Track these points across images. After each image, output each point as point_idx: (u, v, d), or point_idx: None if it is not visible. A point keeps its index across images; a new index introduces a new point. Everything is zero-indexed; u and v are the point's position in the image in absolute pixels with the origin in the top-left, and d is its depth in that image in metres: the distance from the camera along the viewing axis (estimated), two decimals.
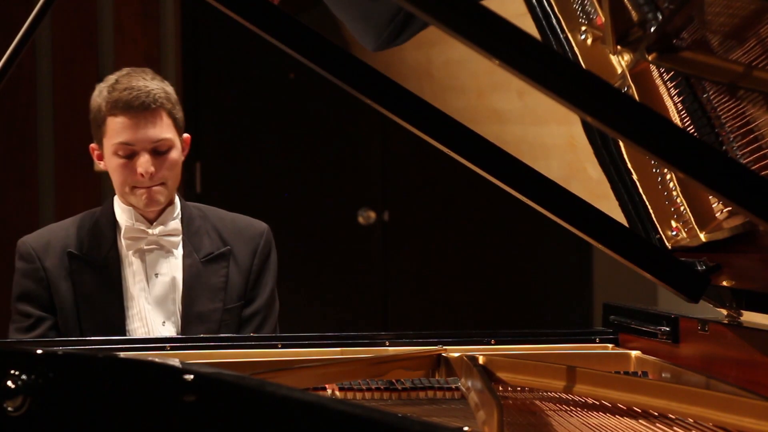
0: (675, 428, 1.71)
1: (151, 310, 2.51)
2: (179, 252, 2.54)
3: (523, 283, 5.20)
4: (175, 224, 2.55)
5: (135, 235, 2.51)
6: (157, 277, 2.52)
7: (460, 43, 1.38)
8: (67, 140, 5.00)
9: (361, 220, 5.10)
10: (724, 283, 1.93)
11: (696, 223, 1.93)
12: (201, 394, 1.40)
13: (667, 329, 2.06)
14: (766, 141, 1.69)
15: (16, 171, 5.02)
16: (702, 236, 1.91)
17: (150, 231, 2.52)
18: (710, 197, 1.91)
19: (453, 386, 1.97)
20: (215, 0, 1.54)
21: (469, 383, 1.89)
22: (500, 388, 1.98)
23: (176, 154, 2.51)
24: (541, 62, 1.37)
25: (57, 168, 5.01)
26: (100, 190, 5.01)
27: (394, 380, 1.98)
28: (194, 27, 5.07)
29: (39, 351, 1.50)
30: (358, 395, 1.94)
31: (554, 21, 2.08)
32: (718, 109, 1.78)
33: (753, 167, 1.71)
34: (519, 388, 1.99)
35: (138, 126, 2.47)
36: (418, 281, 5.17)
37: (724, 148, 1.78)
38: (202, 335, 2.45)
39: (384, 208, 5.14)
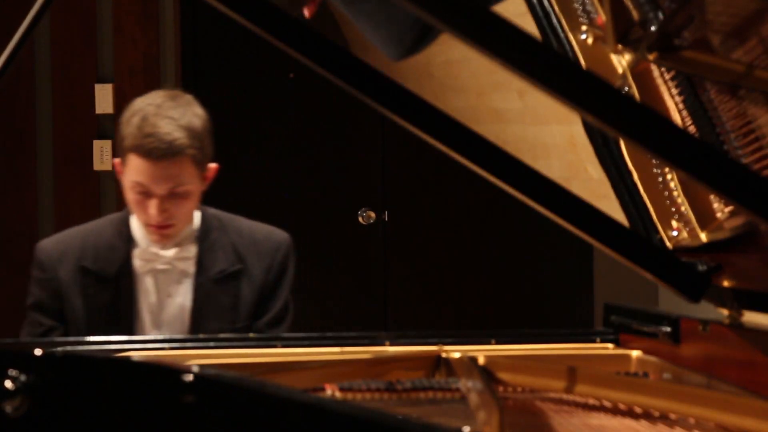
0: (676, 429, 1.71)
1: (155, 332, 2.50)
2: (192, 272, 2.51)
3: (523, 283, 5.19)
4: (190, 247, 2.52)
5: (148, 258, 2.50)
6: (169, 298, 2.51)
7: (460, 43, 1.37)
8: (66, 140, 5.00)
9: (361, 220, 5.10)
10: (725, 283, 1.93)
11: (697, 223, 1.92)
12: (201, 395, 1.40)
13: (668, 329, 2.05)
14: (766, 141, 1.69)
15: (15, 171, 5.02)
16: (703, 236, 1.91)
17: (163, 254, 2.50)
18: (711, 197, 1.90)
19: (453, 386, 1.97)
20: (215, 0, 1.54)
21: (470, 383, 1.89)
22: (500, 389, 1.98)
23: (193, 199, 2.47)
24: (542, 62, 1.37)
25: (56, 168, 5.01)
26: (98, 190, 5.01)
27: (394, 380, 1.98)
28: (194, 27, 5.07)
29: (38, 351, 1.50)
30: (358, 396, 1.94)
31: (555, 20, 2.07)
32: (719, 109, 1.78)
33: (754, 167, 1.70)
34: (519, 389, 1.98)
35: (156, 174, 2.41)
36: (418, 281, 5.17)
37: (725, 147, 1.77)
38: (201, 335, 2.44)
39: (384, 208, 5.14)
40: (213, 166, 2.52)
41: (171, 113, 2.43)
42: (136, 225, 2.52)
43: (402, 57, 2.25)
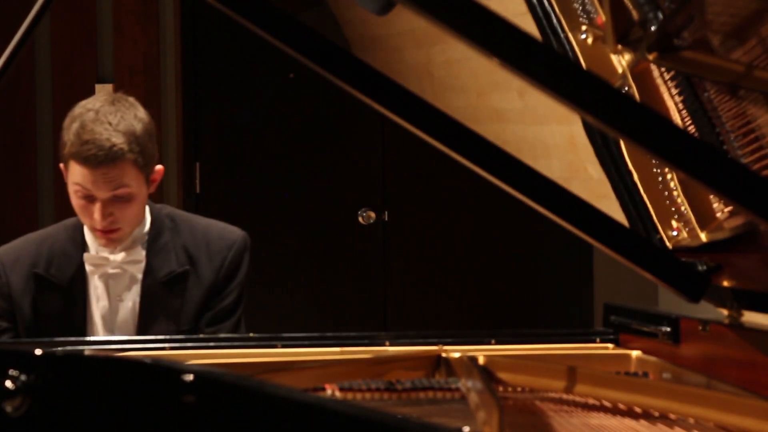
0: (676, 428, 1.71)
1: (106, 334, 2.49)
2: (141, 275, 2.51)
3: (523, 283, 5.19)
4: (139, 250, 2.51)
5: (97, 262, 2.49)
6: (120, 301, 2.50)
7: (460, 43, 1.37)
8: None
9: (361, 220, 5.10)
10: (725, 283, 1.93)
11: (697, 223, 1.92)
12: (200, 395, 1.40)
13: (668, 329, 2.05)
14: (766, 141, 1.69)
15: (15, 171, 5.02)
16: (703, 236, 1.91)
17: (112, 258, 2.49)
18: (711, 197, 1.90)
19: (453, 386, 1.97)
20: (215, 0, 1.54)
21: (470, 383, 1.89)
22: (500, 389, 1.98)
23: (137, 201, 2.45)
24: (542, 62, 1.37)
25: (56, 168, 5.01)
26: None
27: (394, 380, 1.98)
28: (194, 27, 5.07)
29: (38, 351, 1.50)
30: (358, 396, 1.94)
31: (555, 20, 2.07)
32: (719, 109, 1.78)
33: (754, 167, 1.70)
34: (519, 389, 1.98)
35: (96, 180, 2.39)
36: (418, 281, 5.17)
37: (724, 147, 1.77)
38: (201, 335, 2.44)
39: (384, 208, 5.14)
40: (159, 168, 2.51)
41: (110, 118, 2.42)
42: (87, 231, 2.52)
43: (383, 11, 2.24)
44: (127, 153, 2.39)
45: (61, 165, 2.50)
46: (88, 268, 2.50)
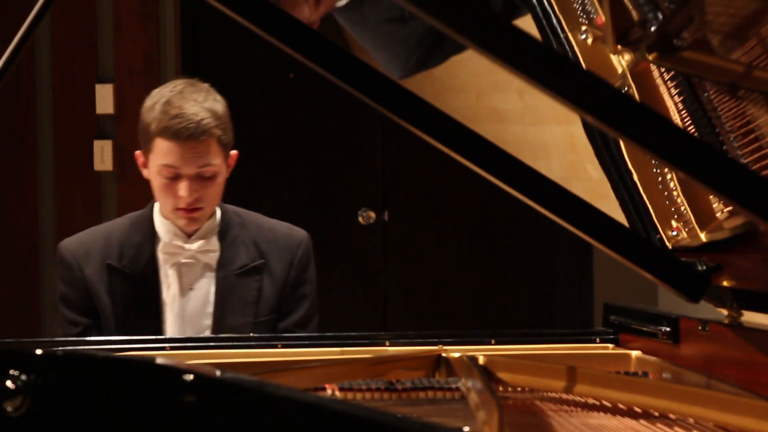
0: (675, 428, 1.71)
1: (181, 324, 2.51)
2: (215, 265, 2.53)
3: (523, 283, 5.19)
4: (213, 240, 2.54)
5: (172, 251, 2.52)
6: (191, 290, 2.52)
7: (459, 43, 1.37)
8: (67, 140, 5.00)
9: (361, 220, 5.10)
10: (725, 283, 1.93)
11: (696, 223, 1.92)
12: (201, 394, 1.40)
13: (668, 329, 2.06)
14: (766, 141, 1.69)
15: (16, 171, 5.02)
16: (702, 236, 1.91)
17: (187, 247, 2.52)
18: (711, 197, 1.90)
19: (453, 386, 1.97)
20: (215, 0, 1.54)
21: (470, 383, 1.89)
22: (500, 389, 1.98)
23: (220, 180, 2.52)
24: (541, 62, 1.37)
25: (56, 168, 5.01)
26: (99, 190, 5.01)
27: (394, 380, 1.98)
28: (194, 27, 5.07)
29: (38, 351, 1.50)
30: (358, 396, 1.94)
31: (554, 21, 2.07)
32: (719, 109, 1.78)
33: (753, 167, 1.70)
34: (519, 389, 1.98)
35: (185, 154, 2.45)
36: (418, 281, 5.16)
37: (724, 147, 1.77)
38: (201, 335, 2.45)
39: (384, 208, 5.14)
40: (234, 153, 2.58)
41: (194, 96, 2.49)
42: (159, 221, 2.54)
43: (406, 76, 2.27)
44: (213, 128, 2.47)
45: (138, 153, 2.55)
46: (161, 257, 2.52)
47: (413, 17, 2.36)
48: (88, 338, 2.34)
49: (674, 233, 1.98)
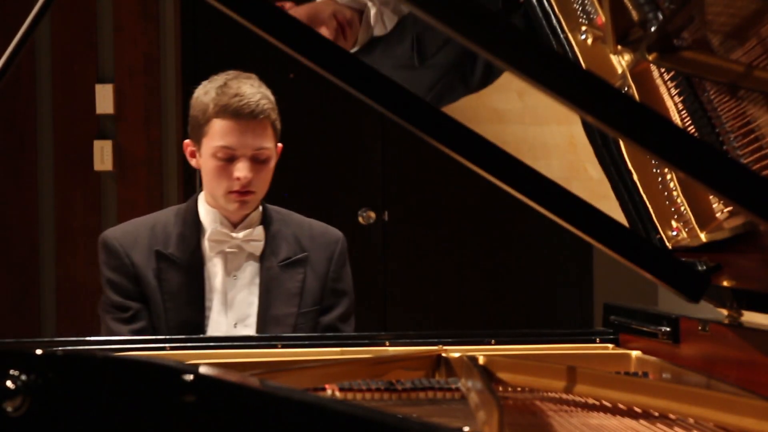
0: (675, 428, 1.71)
1: (225, 311, 2.54)
2: (259, 256, 2.57)
3: (523, 283, 5.19)
4: (259, 230, 2.57)
5: (219, 239, 2.55)
6: (235, 279, 2.55)
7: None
8: (67, 140, 5.00)
9: (361, 220, 5.10)
10: (725, 283, 1.93)
11: (696, 223, 1.92)
12: (201, 394, 1.40)
13: (668, 329, 2.06)
14: (766, 141, 1.69)
15: (15, 171, 5.02)
16: (702, 236, 1.91)
17: (234, 235, 2.55)
18: (710, 197, 1.90)
19: (453, 386, 1.97)
20: (215, 0, 1.54)
21: (470, 383, 1.89)
22: (500, 389, 1.98)
23: (272, 165, 2.58)
24: (541, 62, 1.37)
25: (56, 168, 5.01)
26: (99, 190, 5.01)
27: (394, 381, 1.98)
28: (194, 27, 5.07)
29: (38, 351, 1.50)
30: (358, 396, 1.94)
31: (554, 21, 2.07)
32: (719, 109, 1.78)
33: (753, 167, 1.70)
34: (519, 389, 1.98)
35: (244, 133, 2.50)
36: (418, 281, 5.16)
37: (724, 147, 1.77)
38: (201, 335, 2.45)
39: (384, 208, 5.14)
40: (279, 145, 2.62)
41: (249, 82, 2.56)
42: (204, 211, 2.58)
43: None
44: (270, 111, 2.54)
45: (187, 142, 2.60)
46: (208, 245, 2.55)
47: (422, 64, 2.46)
48: (87, 338, 2.34)
49: (674, 233, 1.98)
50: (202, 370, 1.44)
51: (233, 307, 2.54)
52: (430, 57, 2.52)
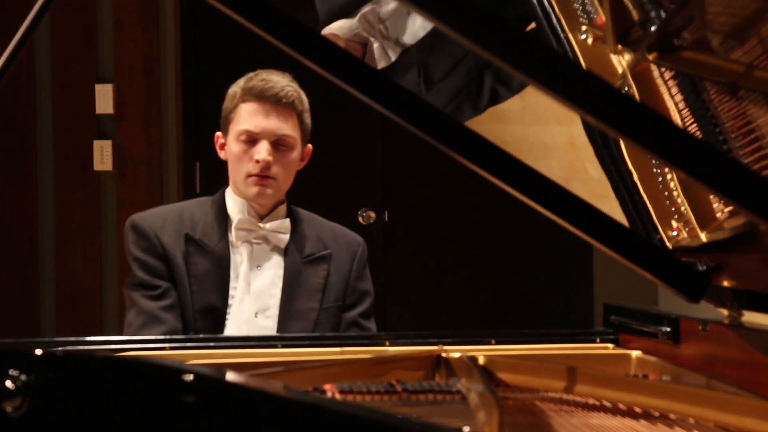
0: (676, 428, 1.71)
1: (246, 300, 2.57)
2: (283, 249, 2.61)
3: (523, 283, 5.19)
4: (286, 222, 2.61)
5: (246, 227, 2.59)
6: (258, 269, 2.59)
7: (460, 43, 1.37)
8: (67, 140, 5.00)
9: (361, 220, 5.10)
10: (725, 283, 1.93)
11: (697, 223, 1.92)
12: (201, 394, 1.40)
13: (668, 329, 2.05)
14: (766, 141, 1.69)
15: (15, 171, 5.02)
16: (703, 236, 1.91)
17: (261, 225, 2.59)
18: (711, 197, 1.90)
19: (453, 388, 1.97)
20: (215, 0, 1.54)
21: (470, 384, 1.89)
22: (500, 389, 1.97)
23: (295, 155, 2.62)
24: (541, 62, 1.37)
25: (56, 168, 5.01)
26: (98, 190, 5.01)
27: (394, 381, 1.98)
28: (194, 27, 5.07)
29: (38, 351, 1.50)
30: (358, 398, 1.94)
31: (554, 21, 2.07)
32: (719, 109, 1.78)
33: (753, 167, 1.70)
34: (519, 389, 1.98)
35: (266, 115, 2.57)
36: (418, 281, 5.16)
37: (725, 147, 1.77)
38: (201, 335, 2.45)
39: (384, 208, 5.14)
40: (309, 147, 2.68)
41: (281, 76, 2.63)
42: (231, 203, 2.62)
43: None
44: (296, 102, 2.61)
45: (217, 134, 2.67)
46: (234, 234, 2.59)
47: (430, 90, 2.50)
48: (87, 338, 2.34)
49: (674, 233, 1.98)
50: (202, 370, 1.44)
51: (255, 296, 2.57)
52: (438, 82, 2.57)
